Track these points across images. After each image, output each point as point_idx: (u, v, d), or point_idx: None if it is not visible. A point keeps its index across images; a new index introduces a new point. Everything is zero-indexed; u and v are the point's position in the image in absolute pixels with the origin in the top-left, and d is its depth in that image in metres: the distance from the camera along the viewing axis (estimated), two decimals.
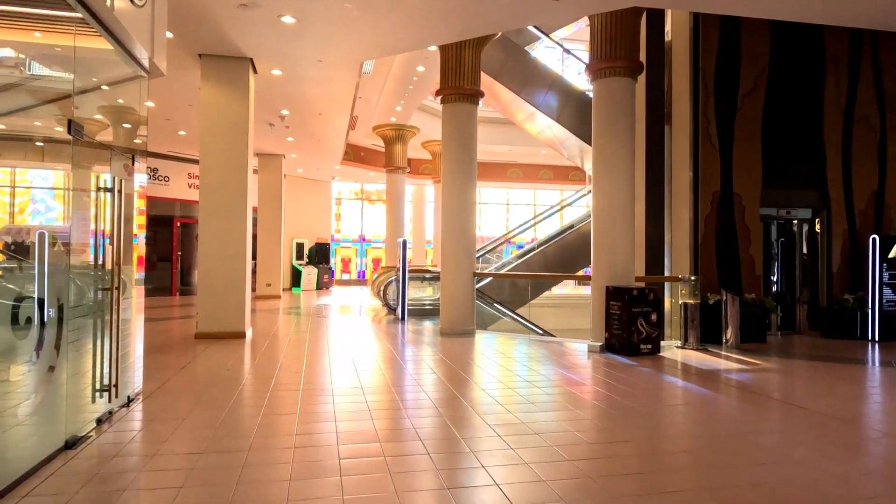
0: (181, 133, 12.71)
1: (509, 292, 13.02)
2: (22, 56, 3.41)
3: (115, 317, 4.00)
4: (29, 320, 3.05)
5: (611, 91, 7.46)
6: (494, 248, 19.38)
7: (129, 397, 4.47)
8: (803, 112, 8.76)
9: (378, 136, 16.34)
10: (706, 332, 7.74)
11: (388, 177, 16.43)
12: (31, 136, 3.59)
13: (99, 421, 3.90)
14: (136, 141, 4.81)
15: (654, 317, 7.07)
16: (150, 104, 10.23)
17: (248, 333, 8.23)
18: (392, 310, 11.68)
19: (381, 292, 11.81)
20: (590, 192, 17.21)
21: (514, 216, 24.69)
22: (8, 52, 3.31)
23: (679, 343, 7.73)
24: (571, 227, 14.31)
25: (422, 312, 11.46)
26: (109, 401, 3.94)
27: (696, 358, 6.94)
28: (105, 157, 4.10)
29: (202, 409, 4.39)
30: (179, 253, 16.23)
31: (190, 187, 16.05)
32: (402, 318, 10.50)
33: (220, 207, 7.99)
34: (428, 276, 12.13)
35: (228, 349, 7.13)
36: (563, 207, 16.54)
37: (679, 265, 8.57)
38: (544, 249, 13.71)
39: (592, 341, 7.47)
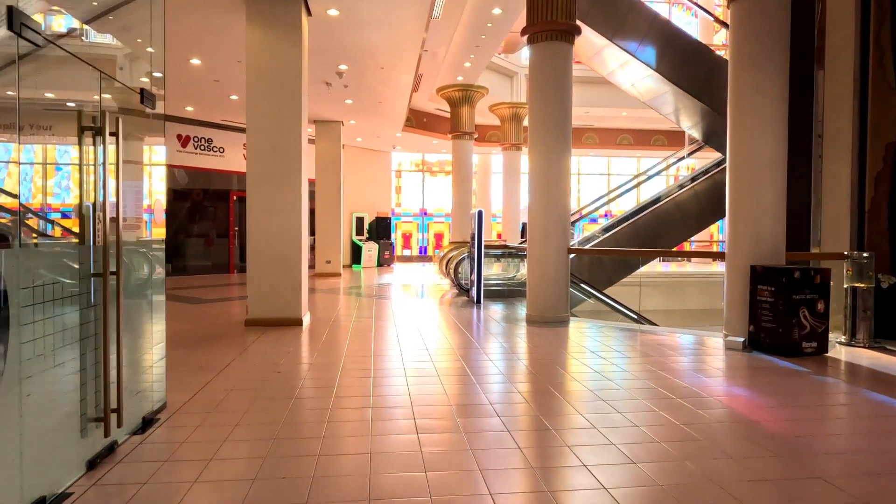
0: (233, 98, 11.67)
1: (591, 271, 11.46)
2: None
3: (112, 315, 2.80)
4: None
5: (761, 9, 5.72)
6: (573, 221, 17.78)
7: (144, 418, 3.32)
8: None
9: (443, 98, 14.89)
10: (878, 324, 6.00)
11: (453, 143, 15.01)
12: None
13: (92, 463, 2.73)
14: (144, 79, 3.57)
15: (820, 306, 5.41)
16: (197, 61, 9.17)
17: (306, 320, 7.09)
18: (464, 290, 10.36)
19: (453, 271, 10.49)
20: (684, 157, 15.20)
21: (585, 188, 22.79)
22: None
23: (843, 338, 6.03)
24: (667, 195, 12.51)
25: (499, 294, 10.08)
26: (107, 433, 2.76)
27: (886, 361, 5.24)
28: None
29: (241, 435, 3.19)
30: (237, 228, 15.47)
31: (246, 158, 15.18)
32: (478, 301, 9.16)
33: (271, 175, 6.81)
34: (505, 252, 10.69)
35: (282, 341, 5.99)
36: (664, 169, 14.63)
37: (832, 237, 6.79)
38: (636, 222, 12.00)
39: (729, 335, 5.88)
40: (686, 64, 10.57)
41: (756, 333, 5.61)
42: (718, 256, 14.78)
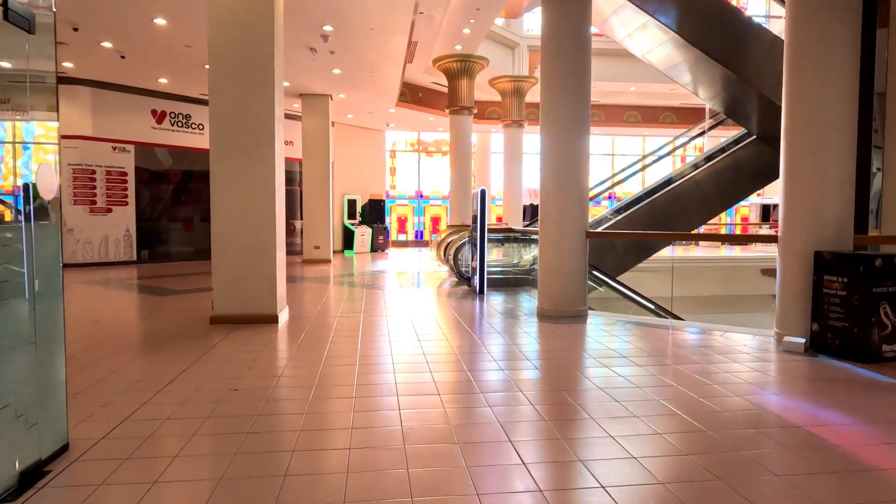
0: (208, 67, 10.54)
1: (600, 256, 10.49)
2: None
3: None
4: None
5: None
6: None
7: (24, 473, 2.34)
8: None
9: (440, 70, 13.78)
10: None
11: (451, 119, 13.93)
12: None
13: None
14: None
15: None
16: (162, 21, 8.07)
17: (283, 316, 6.10)
18: (464, 279, 9.38)
19: (451, 257, 9.50)
20: (705, 130, 14.08)
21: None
22: None
23: None
24: (682, 174, 11.50)
25: (503, 283, 9.10)
26: None
27: None
28: None
29: (163, 497, 2.22)
30: None
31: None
32: (480, 291, 8.18)
33: (239, 145, 5.78)
34: (510, 236, 9.70)
35: (249, 344, 5.01)
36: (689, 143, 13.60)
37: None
38: (652, 202, 11.01)
39: (785, 335, 4.93)
40: (710, 26, 9.51)
41: (821, 333, 4.65)
42: (770, 240, 13.82)
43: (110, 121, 12.12)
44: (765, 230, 21.23)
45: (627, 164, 18.91)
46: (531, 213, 18.48)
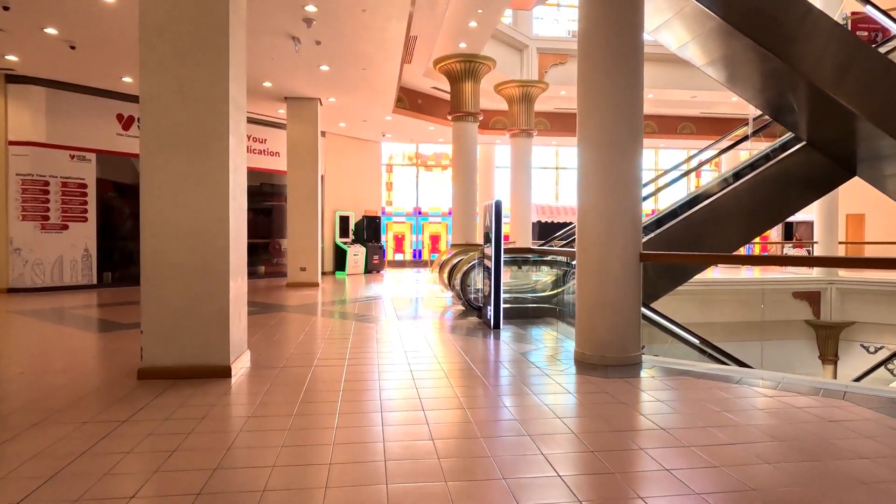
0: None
1: None
2: None
3: None
4: None
5: None
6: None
7: None
8: None
9: (441, 73, 12.42)
10: None
11: (454, 127, 12.52)
12: None
13: None
14: None
15: None
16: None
17: (241, 364, 4.57)
18: (473, 307, 7.87)
19: (459, 282, 7.98)
20: (730, 145, 12.60)
21: None
22: None
23: None
24: (726, 183, 10.06)
25: (520, 313, 7.60)
26: None
27: None
28: None
29: None
30: None
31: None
32: (496, 325, 6.67)
33: (181, 137, 4.31)
34: (529, 257, 8.20)
35: (179, 416, 3.47)
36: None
37: None
38: (689, 218, 9.55)
39: None
40: (763, 10, 8.17)
41: None
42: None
43: (68, 126, 10.66)
44: (789, 249, 19.82)
45: (651, 176, 17.53)
46: (539, 230, 17.05)
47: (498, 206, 6.62)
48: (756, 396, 3.99)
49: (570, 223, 17.23)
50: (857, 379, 12.17)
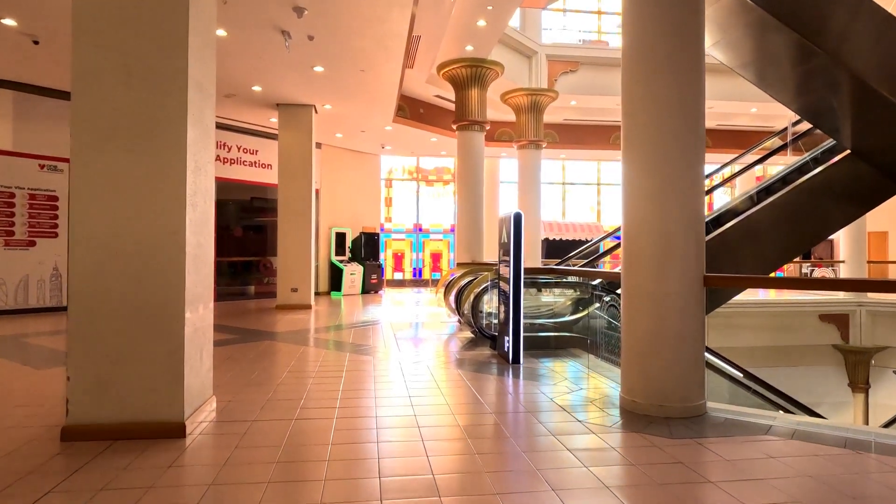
0: None
1: None
2: None
3: None
4: None
5: None
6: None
7: None
8: None
9: (445, 79, 11.57)
10: None
11: (459, 137, 11.63)
12: None
13: None
14: None
15: None
16: None
17: (201, 418, 3.56)
18: (485, 336, 6.87)
19: (469, 308, 6.97)
20: (765, 155, 11.60)
21: (608, 201, 19.45)
22: None
23: None
24: (758, 197, 9.12)
25: (540, 343, 6.60)
26: None
27: None
28: None
29: None
30: None
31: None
32: (515, 359, 5.67)
33: (122, 124, 3.35)
34: (548, 279, 7.20)
35: (100, 502, 2.47)
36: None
37: None
38: (724, 233, 8.59)
39: None
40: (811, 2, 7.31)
41: None
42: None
43: (38, 133, 9.73)
44: (807, 268, 18.85)
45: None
46: (547, 248, 16.09)
47: (518, 219, 5.66)
48: (883, 472, 2.99)
49: (579, 240, 16.26)
50: None
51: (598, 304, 6.95)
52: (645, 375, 3.91)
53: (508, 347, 5.71)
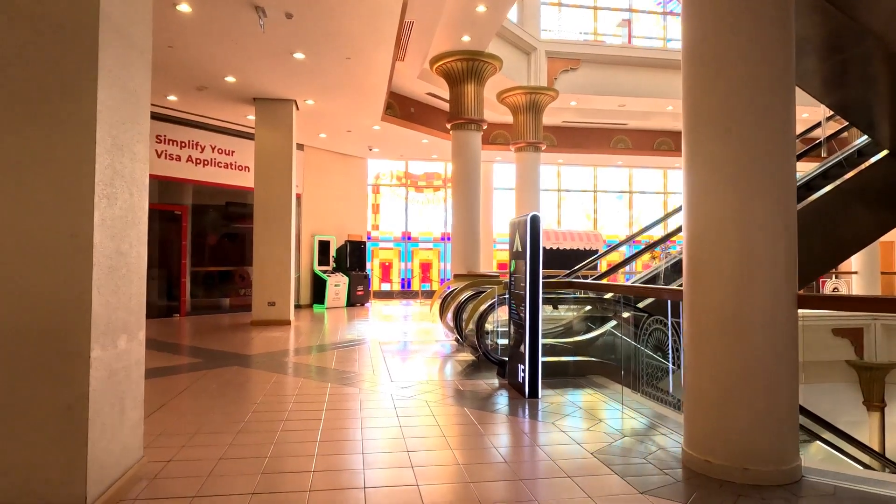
0: None
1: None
2: None
3: None
4: None
5: None
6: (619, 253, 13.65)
7: None
8: None
9: (439, 74, 10.66)
10: None
11: (454, 136, 10.71)
12: None
13: None
14: None
15: None
16: None
17: (117, 496, 2.53)
18: (492, 361, 5.87)
19: (474, 328, 5.96)
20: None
21: (605, 209, 18.62)
22: None
23: None
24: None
25: (556, 369, 5.62)
26: None
27: None
28: None
29: None
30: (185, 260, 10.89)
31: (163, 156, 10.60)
32: (533, 393, 4.69)
33: (5, 85, 2.34)
34: (566, 295, 6.22)
35: None
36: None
37: None
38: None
39: None
40: None
41: None
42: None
43: None
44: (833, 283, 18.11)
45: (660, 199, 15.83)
46: (545, 259, 15.14)
47: (534, 222, 4.70)
48: None
49: (578, 250, 15.34)
50: None
51: (612, 323, 6.02)
52: (724, 429, 2.95)
53: (524, 378, 4.73)
